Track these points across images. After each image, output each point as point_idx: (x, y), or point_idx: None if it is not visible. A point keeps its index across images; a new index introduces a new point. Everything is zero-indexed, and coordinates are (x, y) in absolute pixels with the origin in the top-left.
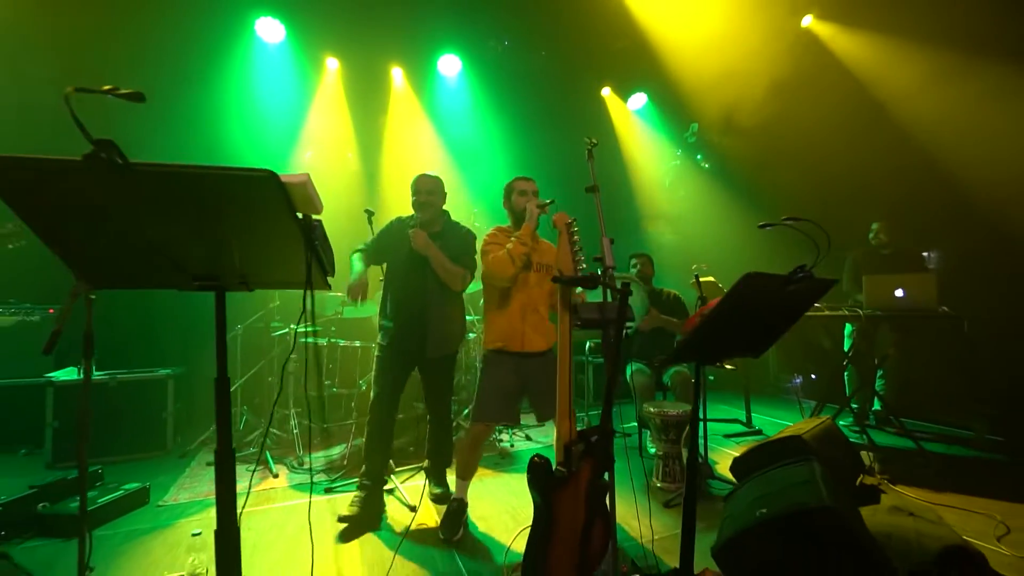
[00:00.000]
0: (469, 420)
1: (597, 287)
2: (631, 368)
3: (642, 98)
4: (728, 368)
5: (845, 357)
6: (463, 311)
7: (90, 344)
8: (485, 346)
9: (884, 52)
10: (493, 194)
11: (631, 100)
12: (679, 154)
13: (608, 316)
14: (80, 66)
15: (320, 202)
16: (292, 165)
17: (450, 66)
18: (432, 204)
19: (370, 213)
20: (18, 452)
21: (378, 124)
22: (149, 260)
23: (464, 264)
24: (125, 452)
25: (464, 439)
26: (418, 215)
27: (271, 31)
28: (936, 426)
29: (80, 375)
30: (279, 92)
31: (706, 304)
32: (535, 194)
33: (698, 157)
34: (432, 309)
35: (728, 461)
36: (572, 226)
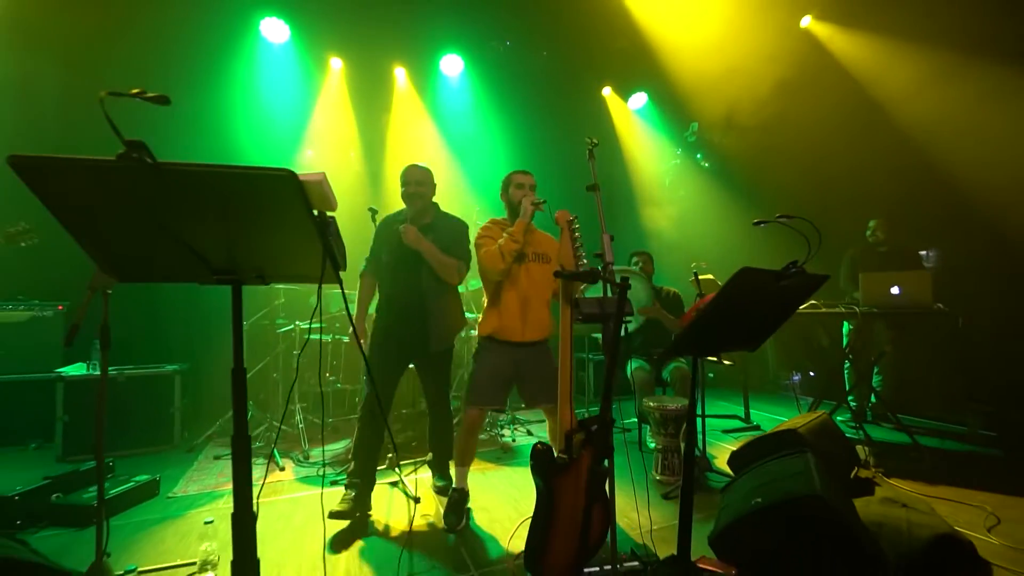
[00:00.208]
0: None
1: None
2: (632, 365)
3: (642, 98)
4: (726, 364)
5: (844, 354)
6: (460, 305)
7: (107, 336)
8: (480, 333)
9: (882, 53)
10: (495, 192)
11: (631, 100)
12: (679, 153)
13: (608, 310)
14: (86, 66)
15: (335, 199)
16: (296, 164)
17: (452, 66)
18: (422, 195)
19: (373, 212)
20: (28, 446)
21: (381, 123)
22: (171, 254)
23: (457, 255)
24: (133, 446)
25: (461, 428)
26: (408, 208)
27: (276, 31)
28: (932, 422)
29: (89, 371)
30: (284, 92)
31: (703, 299)
32: (532, 188)
33: (698, 156)
34: (429, 303)
35: (726, 455)
36: (574, 223)
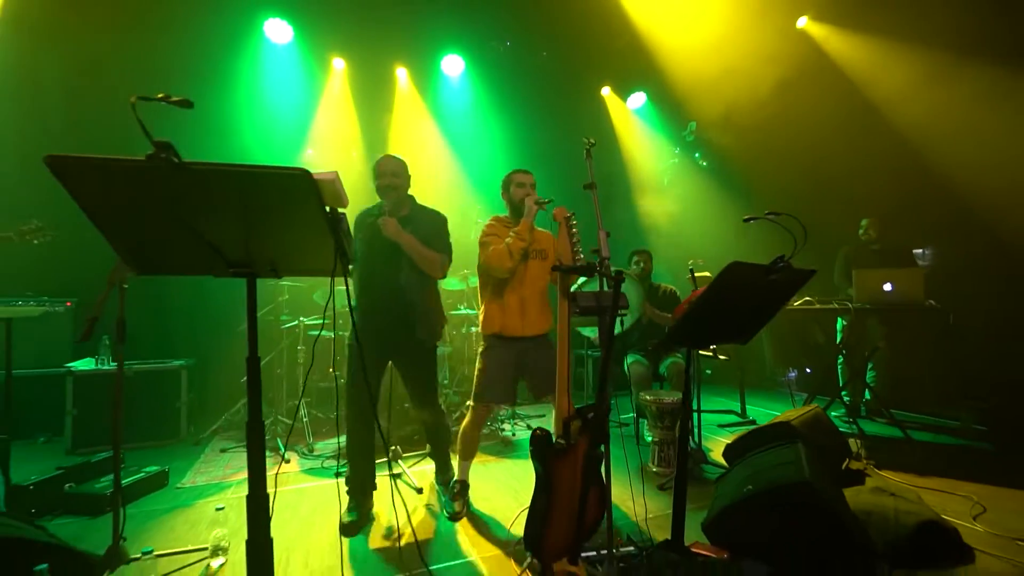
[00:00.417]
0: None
1: (594, 275)
2: (629, 359)
3: (641, 97)
4: (721, 358)
5: (838, 349)
6: (440, 301)
7: (123, 329)
8: (484, 331)
9: (877, 53)
10: (495, 191)
11: (630, 99)
12: (677, 152)
13: (603, 303)
14: (92, 66)
15: (346, 197)
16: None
17: (453, 66)
18: (397, 187)
19: None
20: (37, 440)
21: (383, 123)
22: (190, 248)
23: (438, 248)
24: (140, 439)
25: (465, 422)
26: (383, 200)
27: (279, 32)
28: (926, 417)
29: (98, 366)
30: (287, 91)
31: (695, 292)
32: (532, 186)
33: (696, 155)
34: (411, 297)
35: (722, 449)
36: (571, 219)
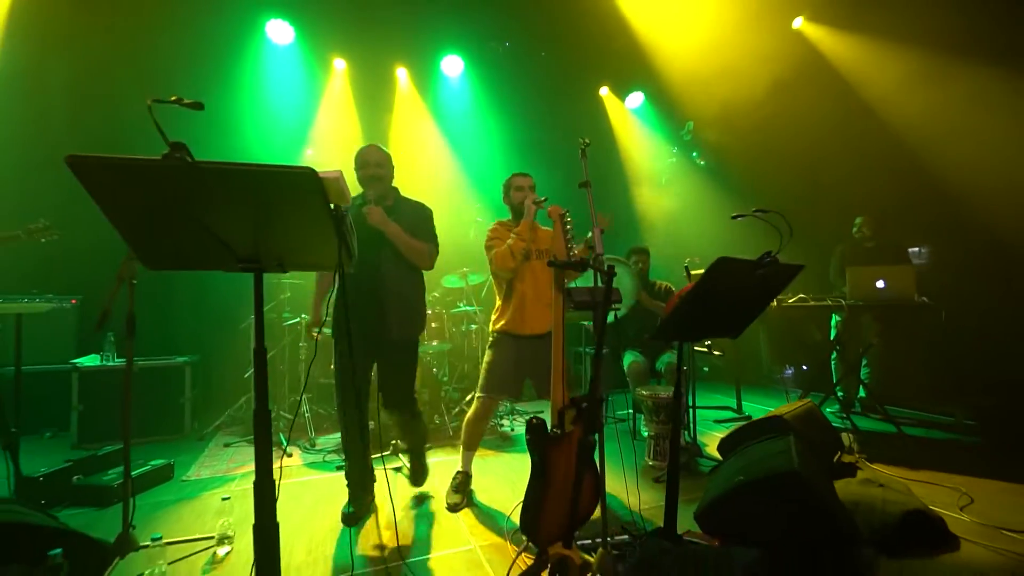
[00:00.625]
0: (477, 393)
1: (587, 271)
2: (628, 358)
3: (639, 97)
4: (716, 354)
5: (832, 346)
6: (423, 295)
7: (132, 324)
8: (492, 327)
9: (872, 53)
10: (495, 190)
11: (628, 99)
12: (675, 151)
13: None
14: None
15: (349, 194)
16: (300, 162)
17: (453, 67)
18: (381, 177)
19: None
20: (43, 435)
21: (384, 123)
22: (200, 244)
23: (423, 238)
24: (145, 435)
25: (470, 413)
26: (367, 191)
27: (281, 33)
28: (920, 412)
29: (103, 362)
30: (288, 92)
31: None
32: (531, 188)
33: (694, 155)
34: (390, 285)
35: (716, 443)
36: (565, 216)
